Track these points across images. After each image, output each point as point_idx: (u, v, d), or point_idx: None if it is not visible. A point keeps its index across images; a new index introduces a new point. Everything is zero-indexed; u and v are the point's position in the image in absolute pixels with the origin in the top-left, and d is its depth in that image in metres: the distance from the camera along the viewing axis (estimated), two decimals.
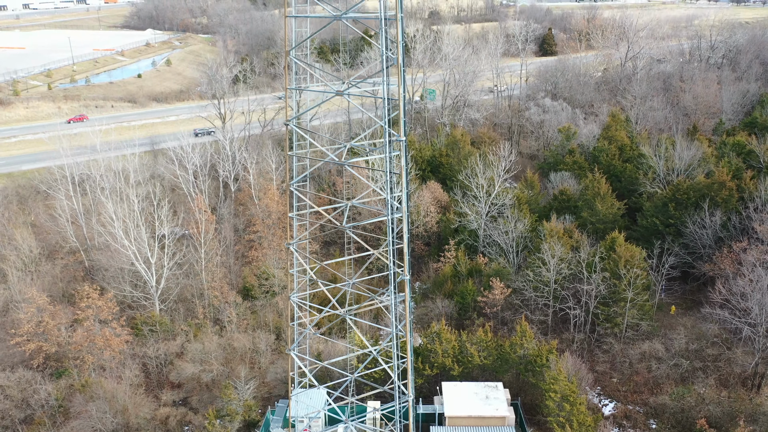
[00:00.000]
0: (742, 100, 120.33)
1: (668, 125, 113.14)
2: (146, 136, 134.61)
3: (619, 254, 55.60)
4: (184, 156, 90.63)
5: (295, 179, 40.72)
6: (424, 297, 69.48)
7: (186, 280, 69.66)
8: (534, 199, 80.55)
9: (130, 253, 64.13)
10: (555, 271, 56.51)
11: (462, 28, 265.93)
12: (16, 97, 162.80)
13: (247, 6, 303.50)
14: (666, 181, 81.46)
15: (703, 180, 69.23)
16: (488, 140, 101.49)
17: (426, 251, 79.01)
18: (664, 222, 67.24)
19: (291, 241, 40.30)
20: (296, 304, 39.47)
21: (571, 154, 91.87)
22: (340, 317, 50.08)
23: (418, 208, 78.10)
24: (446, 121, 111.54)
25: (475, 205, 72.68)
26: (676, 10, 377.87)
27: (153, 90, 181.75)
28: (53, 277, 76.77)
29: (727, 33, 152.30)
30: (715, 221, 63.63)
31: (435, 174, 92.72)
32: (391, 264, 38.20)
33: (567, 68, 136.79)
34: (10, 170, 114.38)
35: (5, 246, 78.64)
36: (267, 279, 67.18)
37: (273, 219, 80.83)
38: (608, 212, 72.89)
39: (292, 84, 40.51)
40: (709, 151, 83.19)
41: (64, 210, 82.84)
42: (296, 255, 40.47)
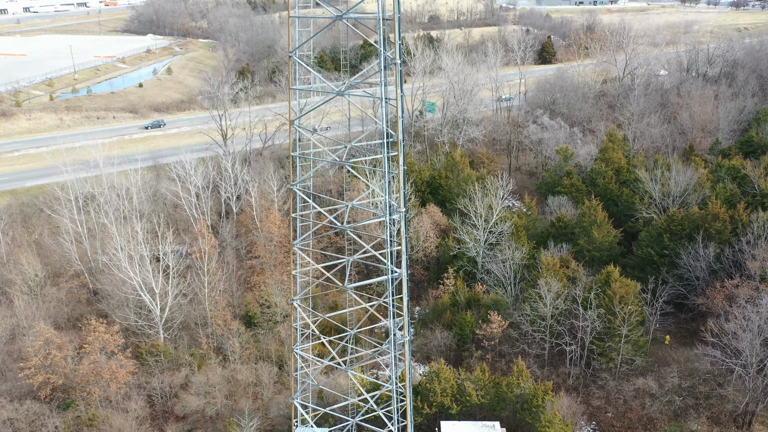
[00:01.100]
0: (739, 116, 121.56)
1: (665, 143, 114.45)
2: (148, 150, 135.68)
3: (614, 290, 56.87)
4: (186, 177, 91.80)
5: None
6: (423, 324, 70.73)
7: (189, 306, 70.91)
8: (532, 224, 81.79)
9: (135, 284, 65.34)
10: (551, 307, 57.78)
11: (462, 33, 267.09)
12: (18, 108, 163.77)
13: (248, 12, 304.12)
14: (662, 206, 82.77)
15: (697, 211, 70.49)
16: (487, 161, 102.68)
17: (425, 276, 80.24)
18: (659, 252, 68.54)
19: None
20: (299, 355, 40.75)
21: (568, 176, 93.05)
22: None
23: (418, 234, 79.32)
24: (446, 140, 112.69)
25: (474, 233, 73.87)
26: (675, 15, 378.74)
27: (154, 100, 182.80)
28: (58, 301, 78.06)
29: (725, 47, 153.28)
30: (709, 253, 64.88)
31: (434, 196, 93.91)
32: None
33: (566, 83, 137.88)
34: (14, 187, 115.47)
35: (10, 270, 79.81)
36: (269, 307, 68.39)
37: (275, 243, 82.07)
38: (605, 240, 74.16)
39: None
40: (704, 176, 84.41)
41: (69, 233, 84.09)
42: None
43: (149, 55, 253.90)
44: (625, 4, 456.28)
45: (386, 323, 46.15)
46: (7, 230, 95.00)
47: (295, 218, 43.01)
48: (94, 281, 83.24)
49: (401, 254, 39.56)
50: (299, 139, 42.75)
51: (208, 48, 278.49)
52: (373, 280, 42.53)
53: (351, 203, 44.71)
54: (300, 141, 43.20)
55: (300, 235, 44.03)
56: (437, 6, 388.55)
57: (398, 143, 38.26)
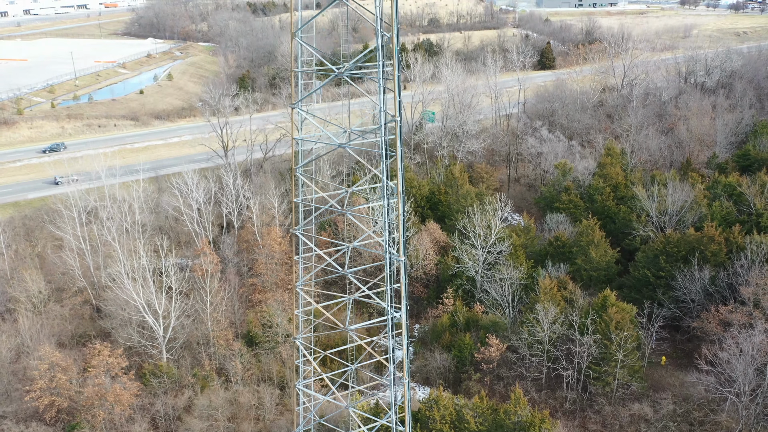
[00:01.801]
0: (736, 129, 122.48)
1: (662, 156, 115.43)
2: (149, 161, 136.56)
3: (609, 316, 57.86)
4: (188, 193, 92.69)
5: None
6: (423, 343, 71.75)
7: (192, 326, 71.84)
8: (531, 242, 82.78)
9: (139, 305, 66.29)
10: (549, 331, 58.79)
11: (461, 37, 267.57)
12: (19, 116, 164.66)
13: (248, 16, 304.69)
14: (659, 223, 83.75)
15: (693, 233, 71.48)
16: (486, 175, 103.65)
17: (425, 293, 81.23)
18: (655, 274, 69.53)
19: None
20: (302, 392, 41.72)
21: (566, 192, 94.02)
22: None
23: (417, 252, 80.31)
24: (445, 152, 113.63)
25: (472, 252, 74.83)
26: (674, 18, 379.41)
27: (155, 108, 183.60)
28: (62, 318, 79.02)
29: (723, 56, 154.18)
30: (704, 276, 65.85)
31: (433, 211, 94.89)
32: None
33: (564, 93, 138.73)
34: (17, 199, 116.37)
35: (15, 287, 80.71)
36: (270, 327, 69.34)
37: (276, 260, 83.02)
38: (602, 260, 75.16)
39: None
40: (701, 194, 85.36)
41: (72, 249, 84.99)
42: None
43: (150, 59, 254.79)
44: (625, 7, 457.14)
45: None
46: (11, 243, 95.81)
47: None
48: (97, 296, 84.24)
49: (401, 295, 40.43)
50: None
51: (208, 52, 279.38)
52: (372, 322, 43.37)
53: (352, 245, 45.80)
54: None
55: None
56: (437, 9, 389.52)
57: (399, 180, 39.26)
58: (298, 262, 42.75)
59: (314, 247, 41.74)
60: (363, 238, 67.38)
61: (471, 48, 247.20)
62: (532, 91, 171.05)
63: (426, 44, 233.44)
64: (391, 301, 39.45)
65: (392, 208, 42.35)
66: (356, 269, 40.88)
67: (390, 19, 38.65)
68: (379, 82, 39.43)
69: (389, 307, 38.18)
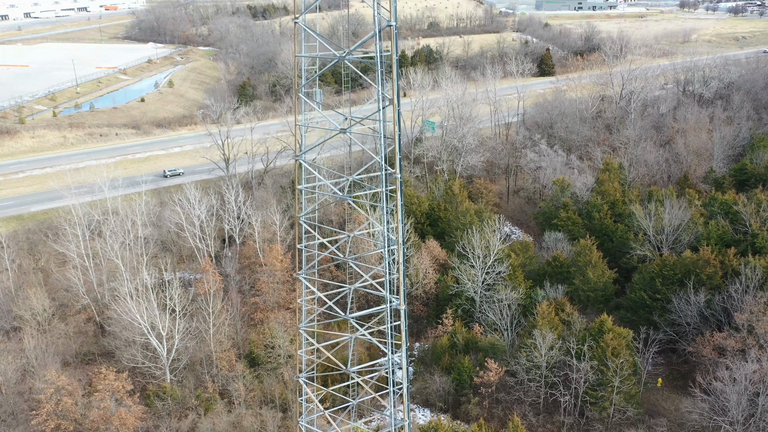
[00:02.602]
0: (734, 142, 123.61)
1: (660, 169, 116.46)
2: (151, 172, 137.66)
3: (606, 342, 58.92)
4: (190, 209, 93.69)
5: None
6: (423, 364, 72.83)
7: (195, 346, 72.85)
8: (529, 261, 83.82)
9: (143, 328, 67.30)
10: (546, 357, 59.87)
11: (461, 42, 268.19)
12: (22, 125, 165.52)
13: (248, 21, 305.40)
14: (656, 242, 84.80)
15: (689, 256, 72.53)
16: (485, 191, 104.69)
17: (424, 312, 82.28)
18: (651, 297, 70.60)
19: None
20: (304, 428, 42.80)
21: (565, 209, 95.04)
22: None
23: (417, 271, 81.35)
24: (445, 167, 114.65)
25: (472, 272, 75.85)
26: (673, 22, 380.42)
27: (156, 116, 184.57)
28: (66, 337, 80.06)
29: (721, 66, 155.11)
30: (700, 299, 66.89)
31: (433, 228, 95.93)
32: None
33: (563, 105, 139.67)
34: (20, 212, 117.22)
35: (20, 306, 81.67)
36: (273, 348, 70.36)
37: (277, 279, 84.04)
38: (599, 281, 76.21)
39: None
40: (697, 213, 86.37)
41: (76, 267, 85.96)
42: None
43: (150, 65, 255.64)
44: (624, 10, 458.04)
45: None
46: (14, 257, 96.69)
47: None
48: (100, 312, 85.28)
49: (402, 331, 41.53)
50: None
51: (209, 57, 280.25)
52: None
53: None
54: None
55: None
56: (437, 12, 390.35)
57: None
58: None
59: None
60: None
61: (471, 54, 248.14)
62: (532, 99, 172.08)
63: (426, 51, 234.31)
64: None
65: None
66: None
67: None
68: (379, 117, 40.61)
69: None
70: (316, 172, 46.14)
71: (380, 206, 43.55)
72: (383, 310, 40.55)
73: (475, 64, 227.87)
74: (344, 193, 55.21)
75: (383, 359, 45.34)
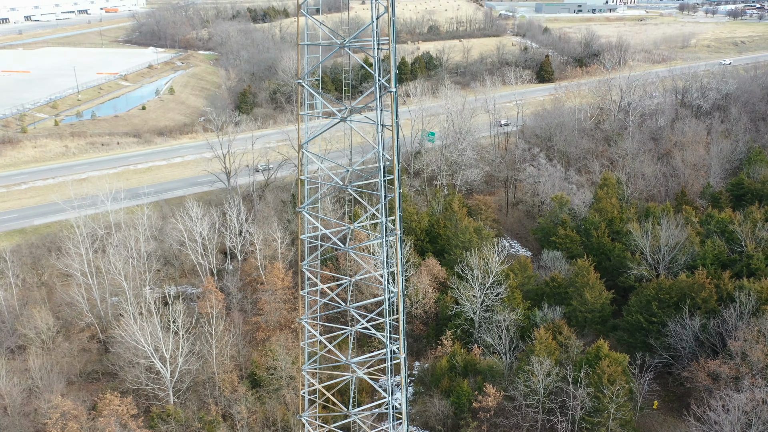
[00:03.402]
0: (731, 155, 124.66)
1: (657, 184, 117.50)
2: (152, 183, 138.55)
3: (602, 369, 60.03)
4: (192, 227, 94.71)
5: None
6: (423, 385, 73.98)
7: (198, 367, 73.87)
8: (528, 281, 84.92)
9: (148, 352, 68.34)
10: (543, 383, 60.99)
11: (461, 47, 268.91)
12: (24, 134, 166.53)
13: (248, 26, 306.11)
14: (653, 261, 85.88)
15: (684, 279, 73.59)
16: (484, 207, 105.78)
17: (424, 331, 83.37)
18: (647, 320, 71.69)
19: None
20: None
21: (563, 225, 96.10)
22: None
23: (417, 291, 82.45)
24: (444, 182, 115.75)
25: (471, 292, 76.93)
26: (672, 26, 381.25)
27: (157, 124, 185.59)
28: (71, 356, 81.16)
29: (719, 77, 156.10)
30: (695, 324, 67.96)
31: (433, 244, 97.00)
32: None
33: (562, 116, 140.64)
34: (23, 225, 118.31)
35: (24, 324, 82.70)
36: (275, 369, 71.41)
37: (279, 297, 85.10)
38: (596, 302, 77.30)
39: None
40: (693, 233, 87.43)
41: (80, 285, 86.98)
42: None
43: (151, 70, 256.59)
44: (624, 13, 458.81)
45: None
46: (17, 272, 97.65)
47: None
48: (104, 329, 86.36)
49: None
50: None
51: (209, 61, 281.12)
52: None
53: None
54: None
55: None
56: (437, 16, 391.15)
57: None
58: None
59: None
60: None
61: (470, 60, 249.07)
62: (532, 108, 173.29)
63: (426, 57, 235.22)
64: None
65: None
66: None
67: None
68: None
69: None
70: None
71: None
72: (383, 354, 41.66)
73: (475, 71, 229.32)
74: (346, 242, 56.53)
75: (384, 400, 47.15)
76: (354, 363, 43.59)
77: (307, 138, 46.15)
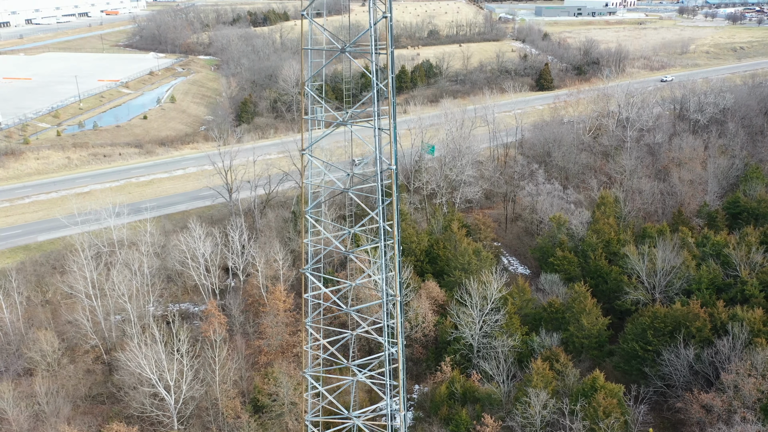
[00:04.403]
0: (728, 172, 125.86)
1: (654, 201, 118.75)
2: (155, 197, 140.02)
3: (598, 402, 61.38)
4: (195, 248, 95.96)
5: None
6: (422, 409, 75.34)
7: (202, 393, 75.21)
8: (526, 305, 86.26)
9: (153, 380, 69.66)
10: (540, 416, 62.35)
11: (461, 55, 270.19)
12: (26, 146, 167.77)
13: (249, 33, 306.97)
14: (649, 284, 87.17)
15: (679, 308, 74.89)
16: (483, 227, 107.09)
17: (424, 354, 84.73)
18: (643, 347, 73.00)
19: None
20: None
21: (561, 247, 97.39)
22: None
23: (417, 315, 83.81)
24: (444, 200, 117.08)
25: (470, 320, 78.28)
26: (672, 30, 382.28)
27: (159, 134, 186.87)
28: (76, 379, 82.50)
29: (716, 93, 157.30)
30: (689, 353, 69.26)
31: (432, 265, 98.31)
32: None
33: (561, 131, 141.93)
34: (27, 242, 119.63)
35: (30, 347, 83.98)
36: (278, 396, 72.73)
37: (281, 320, 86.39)
38: (593, 328, 78.63)
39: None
40: (689, 257, 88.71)
41: (84, 309, 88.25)
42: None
43: (152, 77, 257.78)
44: (623, 16, 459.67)
45: None
46: (22, 290, 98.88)
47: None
48: (108, 350, 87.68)
49: None
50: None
51: (210, 67, 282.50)
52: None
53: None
54: None
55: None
56: (437, 19, 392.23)
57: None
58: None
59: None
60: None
61: (470, 68, 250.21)
62: (531, 117, 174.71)
63: (426, 66, 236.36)
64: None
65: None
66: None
67: None
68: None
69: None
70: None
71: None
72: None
73: (475, 80, 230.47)
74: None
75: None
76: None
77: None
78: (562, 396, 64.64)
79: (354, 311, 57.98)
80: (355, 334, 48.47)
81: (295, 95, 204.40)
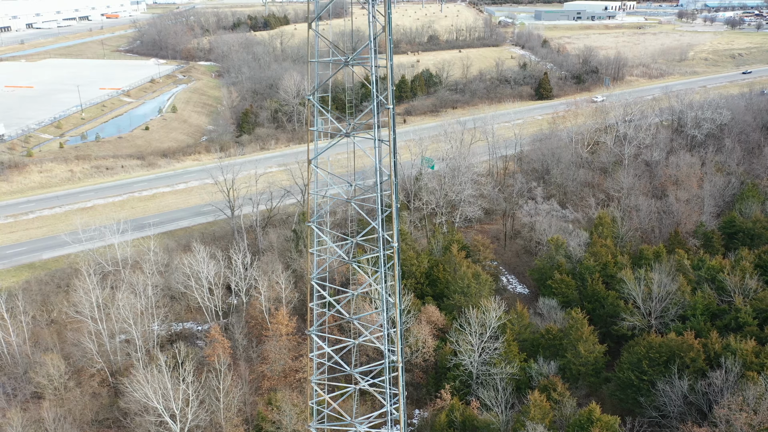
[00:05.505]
0: (724, 191, 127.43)
1: (651, 219, 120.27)
2: (157, 212, 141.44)
3: None
4: (199, 270, 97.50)
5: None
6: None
7: (206, 420, 76.76)
8: (524, 330, 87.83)
9: (160, 410, 71.20)
10: None
11: (461, 64, 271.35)
12: (29, 158, 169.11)
13: (250, 39, 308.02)
14: (645, 309, 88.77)
15: (674, 338, 76.49)
16: (482, 248, 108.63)
17: (424, 379, 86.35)
18: (638, 377, 74.61)
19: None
20: None
21: (558, 269, 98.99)
22: None
23: (417, 341, 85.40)
24: (443, 220, 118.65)
25: (469, 348, 79.88)
26: (670, 36, 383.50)
27: (161, 145, 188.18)
28: (83, 404, 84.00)
29: (713, 108, 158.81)
30: (683, 384, 70.85)
31: (432, 287, 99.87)
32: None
33: (560, 150, 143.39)
34: (32, 260, 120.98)
35: (37, 372, 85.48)
36: (281, 423, 74.30)
37: (283, 347, 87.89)
38: (590, 355, 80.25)
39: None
40: (684, 282, 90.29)
41: (91, 333, 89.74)
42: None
43: (153, 85, 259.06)
44: (623, 20, 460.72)
45: None
46: (27, 310, 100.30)
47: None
48: (113, 373, 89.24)
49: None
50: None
51: (210, 73, 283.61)
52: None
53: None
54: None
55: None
56: (436, 24, 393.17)
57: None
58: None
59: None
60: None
61: (470, 77, 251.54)
62: (530, 128, 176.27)
63: (426, 75, 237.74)
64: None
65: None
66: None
67: None
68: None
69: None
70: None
71: None
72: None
73: (474, 89, 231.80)
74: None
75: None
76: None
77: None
78: (559, 428, 66.24)
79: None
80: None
81: (296, 106, 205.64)
